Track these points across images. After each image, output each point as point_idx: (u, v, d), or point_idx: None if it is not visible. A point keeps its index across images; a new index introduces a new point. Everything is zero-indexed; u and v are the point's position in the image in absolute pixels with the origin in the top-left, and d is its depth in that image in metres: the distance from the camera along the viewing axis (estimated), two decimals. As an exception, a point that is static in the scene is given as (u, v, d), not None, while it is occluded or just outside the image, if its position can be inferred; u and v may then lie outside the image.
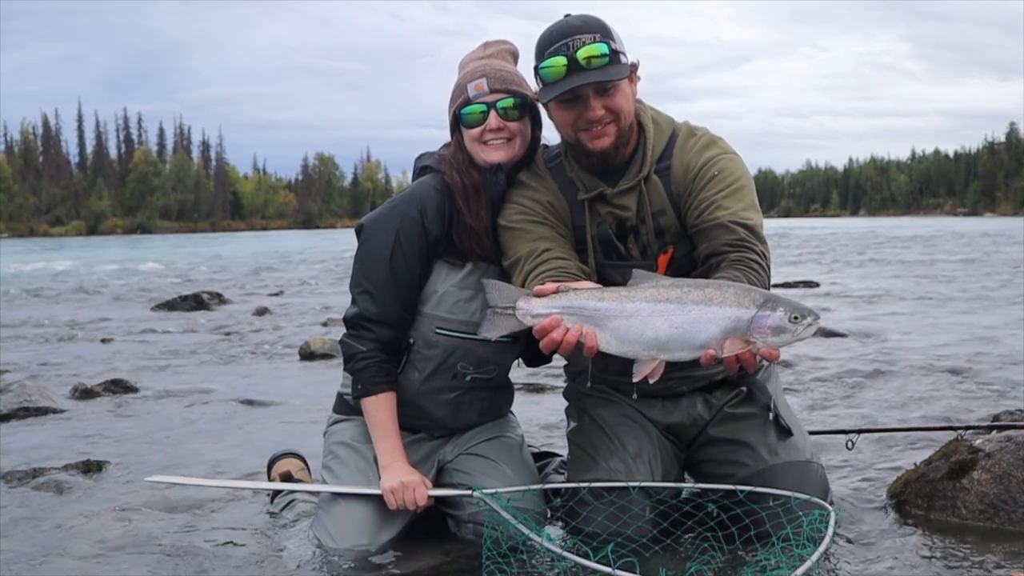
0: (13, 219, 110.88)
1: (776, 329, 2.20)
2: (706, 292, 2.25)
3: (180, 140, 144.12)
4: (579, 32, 2.70)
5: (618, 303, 2.30)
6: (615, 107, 2.74)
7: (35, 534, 3.23)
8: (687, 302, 2.25)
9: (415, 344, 3.02)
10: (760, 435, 2.92)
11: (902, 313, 9.89)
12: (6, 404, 5.44)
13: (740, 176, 2.80)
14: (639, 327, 2.26)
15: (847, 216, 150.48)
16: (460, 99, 2.97)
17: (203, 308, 12.56)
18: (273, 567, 2.86)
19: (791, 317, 2.21)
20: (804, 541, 2.50)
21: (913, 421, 4.54)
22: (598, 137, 2.76)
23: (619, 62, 2.72)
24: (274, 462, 3.68)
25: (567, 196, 2.93)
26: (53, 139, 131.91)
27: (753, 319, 2.20)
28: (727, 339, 2.22)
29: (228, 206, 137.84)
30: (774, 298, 2.26)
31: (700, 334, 2.23)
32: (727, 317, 2.21)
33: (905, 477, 3.29)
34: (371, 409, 2.98)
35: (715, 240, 2.70)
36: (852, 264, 20.28)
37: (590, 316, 2.31)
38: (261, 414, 5.41)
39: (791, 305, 2.26)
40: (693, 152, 2.85)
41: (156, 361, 7.68)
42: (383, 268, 2.97)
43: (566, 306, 2.34)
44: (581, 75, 2.68)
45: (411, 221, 2.96)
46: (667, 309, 2.25)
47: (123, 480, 3.96)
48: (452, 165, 3.01)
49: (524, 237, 2.89)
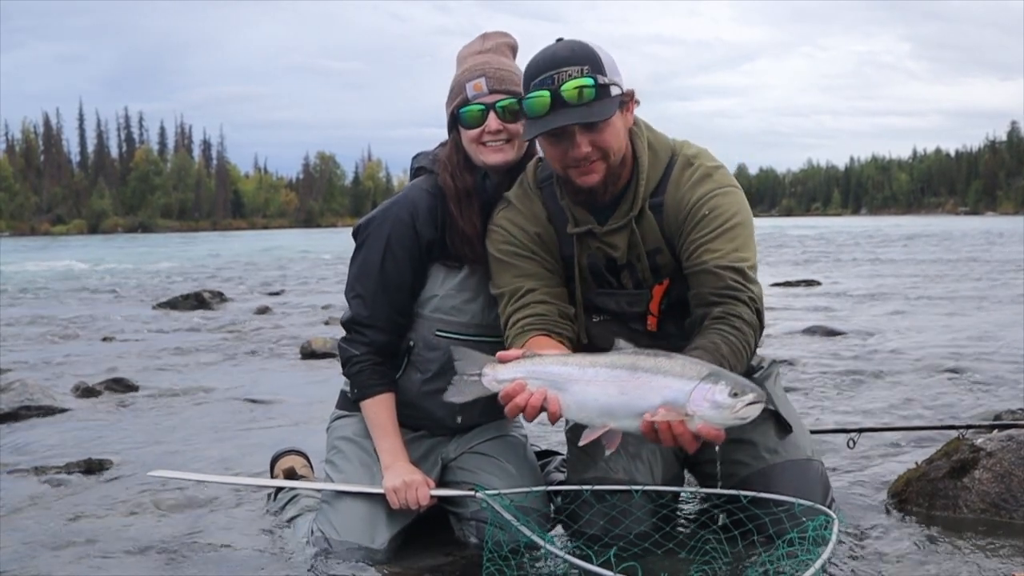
0: (14, 218, 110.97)
1: (715, 404, 2.12)
2: (657, 361, 2.21)
3: (181, 139, 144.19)
4: (566, 64, 2.55)
5: (579, 368, 2.28)
6: (603, 144, 2.62)
7: (37, 532, 3.23)
8: (638, 369, 2.21)
9: (415, 347, 3.02)
10: (760, 434, 2.90)
11: (903, 312, 9.89)
12: (8, 403, 5.44)
13: (734, 214, 2.69)
14: (595, 393, 2.24)
15: (848, 215, 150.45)
16: (458, 99, 2.92)
17: (204, 307, 12.57)
18: (276, 564, 2.86)
19: (731, 392, 2.13)
20: (809, 546, 2.51)
21: (914, 420, 4.54)
22: (586, 174, 2.65)
23: (607, 95, 2.57)
24: (277, 459, 3.69)
25: (556, 224, 2.84)
26: (54, 138, 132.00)
27: (693, 391, 2.14)
28: (666, 410, 2.15)
29: (229, 205, 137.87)
30: (719, 373, 2.19)
31: (642, 402, 2.18)
32: (669, 387, 2.16)
33: (906, 476, 3.29)
34: (369, 411, 3.00)
35: (702, 287, 2.64)
36: (853, 263, 20.28)
37: (553, 381, 2.30)
38: (263, 412, 5.41)
39: (734, 381, 2.18)
40: (687, 188, 2.73)
41: (157, 360, 7.68)
42: (375, 273, 2.98)
43: (530, 371, 2.33)
44: (565, 112, 2.55)
45: (402, 225, 2.95)
46: (620, 376, 2.22)
47: (125, 478, 3.96)
48: (446, 168, 2.97)
49: (509, 271, 2.84)
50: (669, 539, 2.87)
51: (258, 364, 7.45)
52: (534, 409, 2.32)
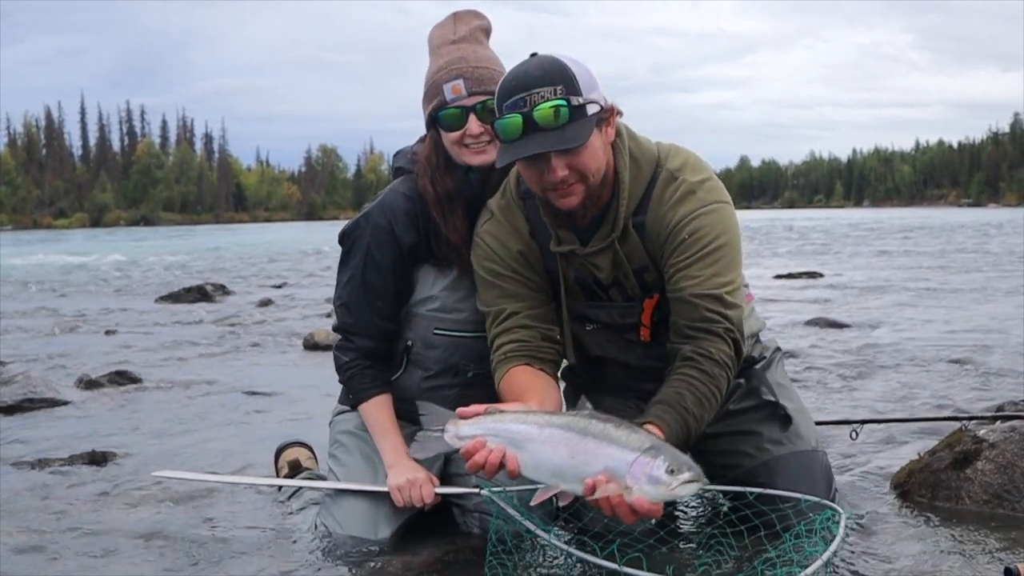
0: (16, 212, 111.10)
1: (651, 478, 2.10)
2: (605, 427, 2.19)
3: (183, 132, 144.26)
4: (538, 84, 2.43)
5: (537, 427, 2.27)
6: (580, 167, 2.50)
7: (42, 524, 3.24)
8: (587, 435, 2.19)
9: (414, 346, 3.02)
10: (764, 426, 2.90)
11: (906, 304, 9.88)
12: (11, 395, 5.45)
13: (716, 236, 2.58)
14: (548, 453, 2.23)
15: (851, 207, 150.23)
16: (436, 100, 2.83)
17: (207, 300, 12.58)
18: (280, 556, 2.86)
19: (668, 469, 2.10)
20: (817, 539, 2.51)
21: (917, 411, 4.53)
22: (565, 196, 2.54)
23: (583, 116, 2.45)
24: (281, 451, 3.70)
25: (539, 240, 2.76)
26: (56, 132, 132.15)
27: (633, 463, 2.12)
28: (606, 479, 2.14)
29: (231, 198, 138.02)
30: (659, 447, 2.15)
31: (587, 467, 2.17)
32: (611, 456, 2.14)
33: (909, 467, 3.30)
34: (367, 414, 3.01)
35: (679, 317, 2.58)
36: (856, 255, 20.26)
37: (511, 439, 2.28)
38: (266, 404, 5.42)
39: (672, 457, 2.13)
40: (668, 207, 2.62)
41: (160, 352, 7.69)
42: (357, 281, 2.98)
43: (489, 429, 2.32)
44: (538, 137, 2.43)
45: (381, 232, 2.92)
46: (571, 439, 2.21)
47: (129, 471, 3.96)
48: (426, 172, 2.90)
49: (492, 290, 2.79)
50: (674, 535, 2.88)
51: (261, 356, 7.46)
52: (493, 467, 2.28)
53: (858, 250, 22.30)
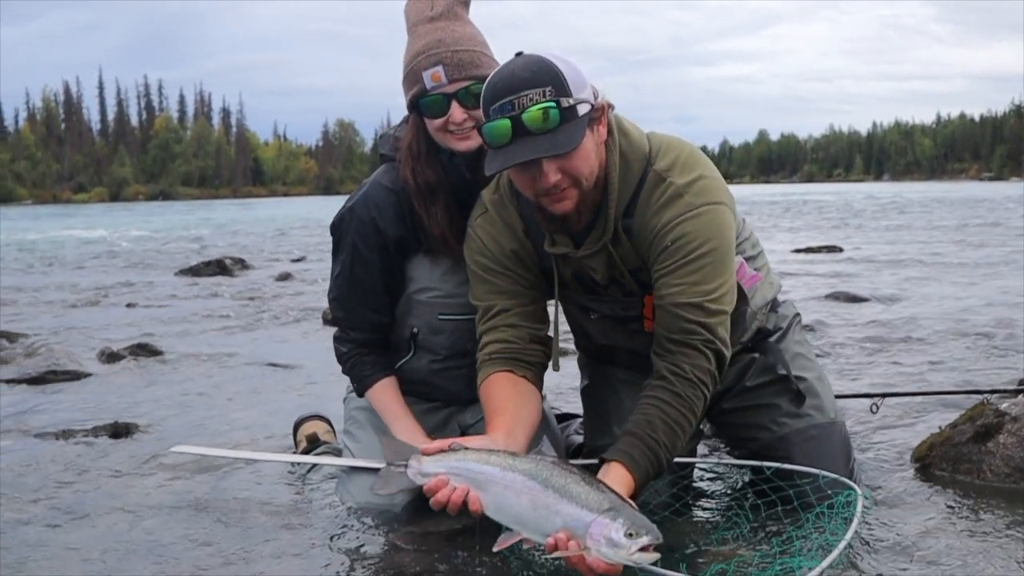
0: (37, 186, 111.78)
1: (609, 540, 2.06)
2: (566, 482, 2.16)
3: (200, 107, 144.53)
4: (526, 87, 2.33)
5: (500, 470, 2.24)
6: (573, 171, 2.41)
7: (66, 494, 3.28)
8: (549, 487, 2.16)
9: (420, 333, 3.01)
10: (781, 399, 2.89)
11: (926, 277, 9.82)
12: (35, 367, 5.51)
13: (702, 243, 2.47)
14: (511, 499, 2.21)
15: (871, 181, 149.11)
16: (416, 88, 2.73)
17: (226, 274, 12.63)
18: (300, 528, 2.89)
19: (627, 532, 2.06)
20: (836, 515, 2.51)
21: (938, 385, 4.51)
22: (558, 201, 2.45)
23: (574, 117, 2.35)
24: (300, 424, 3.72)
25: (533, 238, 2.69)
26: (75, 106, 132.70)
27: (591, 523, 2.09)
28: (567, 536, 2.11)
29: (249, 172, 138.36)
30: (618, 509, 2.11)
31: (547, 523, 2.15)
32: (570, 514, 2.12)
33: (930, 440, 3.28)
34: (374, 399, 3.02)
35: (659, 327, 2.52)
36: (876, 229, 20.12)
37: (474, 479, 2.27)
38: (285, 377, 5.45)
39: (632, 520, 2.08)
40: (653, 211, 2.53)
41: (181, 326, 7.74)
42: (346, 276, 2.97)
43: (452, 467, 2.30)
44: (528, 141, 2.34)
45: (366, 227, 2.88)
46: (533, 488, 2.18)
47: (151, 442, 4.00)
48: (407, 161, 2.83)
49: (484, 285, 2.74)
50: (691, 508, 2.88)
51: (280, 330, 7.49)
52: (455, 506, 2.26)
53: (878, 224, 22.15)
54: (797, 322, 3.08)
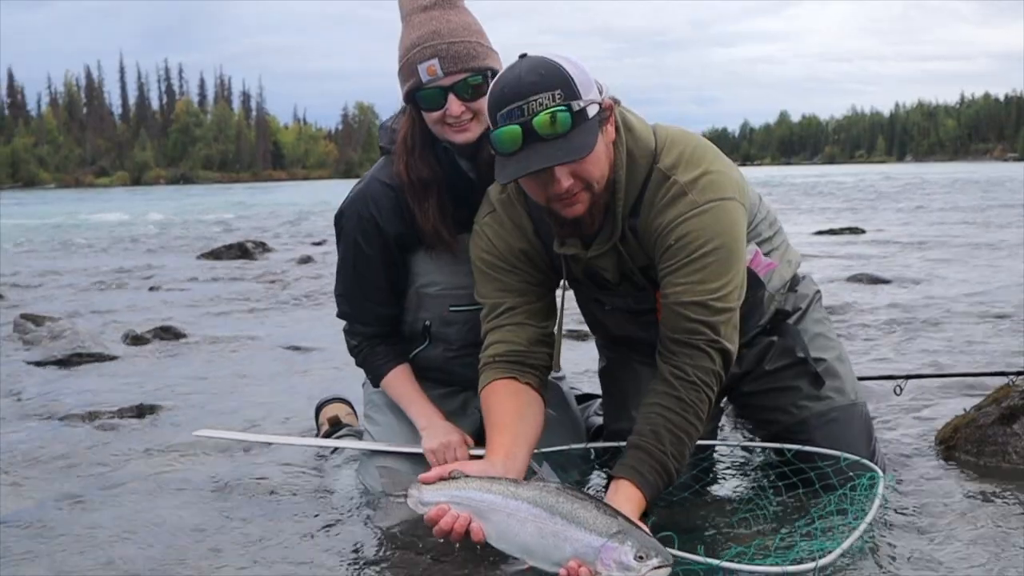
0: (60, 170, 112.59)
1: (620, 564, 2.04)
2: (574, 507, 2.14)
3: (221, 91, 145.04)
4: (535, 91, 2.26)
5: (503, 498, 2.21)
6: (585, 175, 2.36)
7: (92, 475, 3.32)
8: (555, 513, 2.13)
9: (432, 325, 3.01)
10: (801, 381, 2.87)
11: (949, 259, 9.74)
12: (60, 350, 5.56)
13: (706, 240, 2.42)
14: (515, 527, 2.18)
15: (893, 162, 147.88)
16: (411, 81, 2.67)
17: (247, 257, 12.69)
18: (322, 510, 2.91)
19: (637, 555, 2.04)
20: (859, 496, 2.51)
21: (962, 367, 4.49)
22: (570, 205, 2.40)
23: (585, 120, 2.30)
24: (322, 407, 3.74)
25: (543, 238, 2.64)
26: (96, 91, 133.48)
27: (601, 548, 2.07)
28: (578, 565, 2.09)
29: (269, 156, 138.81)
30: (628, 531, 2.09)
31: (556, 551, 2.12)
32: (579, 540, 2.09)
33: (954, 423, 3.26)
34: (390, 388, 3.02)
35: (664, 327, 2.47)
36: (898, 210, 19.97)
37: (476, 508, 2.24)
38: (307, 360, 5.48)
39: (642, 542, 2.06)
40: (656, 210, 2.48)
41: (203, 308, 7.79)
42: (349, 272, 2.97)
43: (453, 496, 2.27)
44: (539, 147, 2.28)
45: (366, 223, 2.87)
46: (539, 515, 2.15)
47: (175, 423, 4.04)
48: (401, 155, 2.79)
49: (490, 283, 2.69)
50: (711, 489, 2.88)
51: (301, 313, 7.52)
52: (459, 535, 2.23)
53: (900, 205, 21.98)
54: (817, 299, 3.05)
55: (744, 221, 2.55)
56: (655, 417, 2.39)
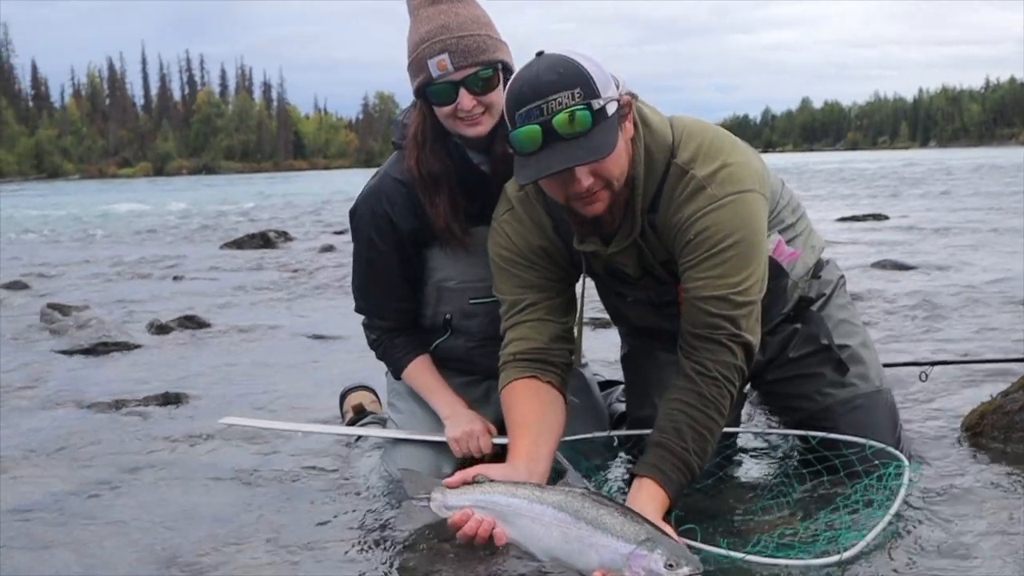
0: (83, 161, 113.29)
1: (649, 571, 2.01)
2: (599, 512, 2.11)
3: (242, 81, 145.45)
4: (554, 90, 2.23)
5: (527, 503, 2.20)
6: (605, 174, 2.34)
7: (118, 462, 3.35)
8: (581, 519, 2.11)
9: (453, 318, 3.01)
10: (825, 368, 2.85)
11: (975, 245, 9.65)
12: (87, 339, 5.62)
13: (726, 235, 2.40)
14: (541, 532, 2.16)
15: (916, 148, 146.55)
16: (422, 76, 2.66)
17: (270, 246, 12.75)
18: (346, 496, 2.93)
19: (666, 563, 2.01)
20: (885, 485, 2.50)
21: (988, 353, 4.45)
22: (590, 204, 2.38)
23: (604, 119, 2.28)
24: (346, 395, 3.76)
25: (562, 235, 2.62)
26: (118, 82, 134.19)
27: (630, 556, 2.04)
28: (604, 570, 2.07)
29: (291, 146, 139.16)
30: (657, 538, 2.06)
31: (583, 557, 2.10)
32: (606, 547, 2.07)
33: (981, 409, 3.24)
34: (411, 379, 3.03)
35: (685, 322, 2.46)
36: (922, 196, 19.81)
37: (500, 512, 2.22)
38: (330, 348, 5.50)
39: (671, 549, 2.03)
40: (675, 206, 2.46)
41: (227, 298, 7.84)
42: (365, 267, 2.97)
43: (477, 501, 2.25)
44: (560, 147, 2.25)
45: (380, 219, 2.87)
46: (564, 520, 2.13)
47: (200, 411, 4.07)
48: (412, 151, 2.79)
49: (510, 280, 2.67)
50: (735, 476, 2.87)
51: (324, 301, 7.55)
52: (482, 540, 2.22)
53: (924, 191, 21.80)
54: (842, 285, 3.02)
55: (765, 212, 2.53)
56: (677, 414, 2.38)
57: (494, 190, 2.75)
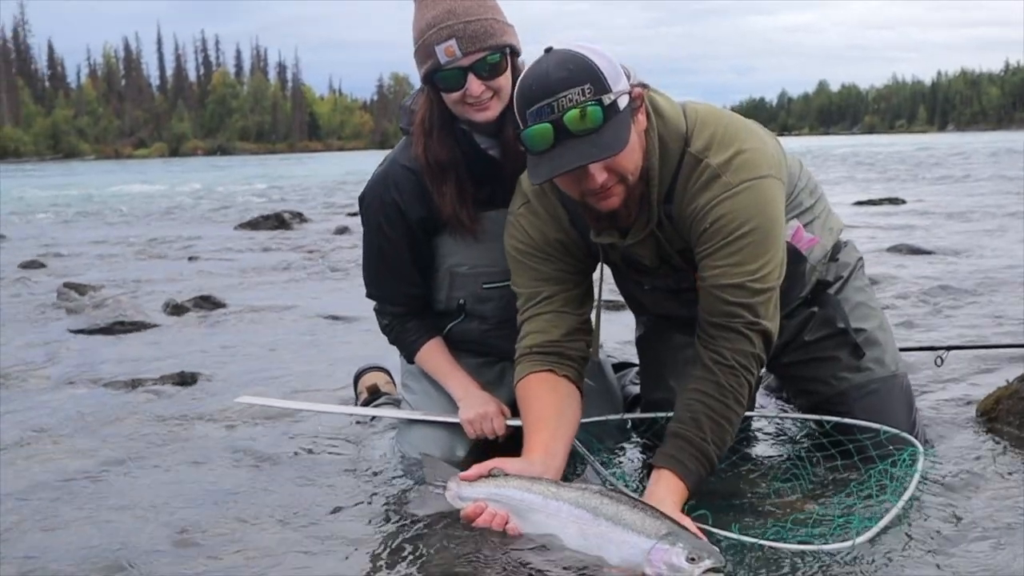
0: (99, 141, 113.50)
1: (671, 566, 2.01)
2: (619, 508, 2.11)
3: (256, 62, 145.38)
4: (565, 87, 2.22)
5: (543, 499, 2.21)
6: (619, 169, 2.32)
7: (134, 441, 3.37)
8: (600, 515, 2.11)
9: (467, 303, 3.01)
10: (841, 351, 2.85)
11: (992, 230, 9.59)
12: (103, 318, 5.65)
13: (742, 222, 2.38)
14: (557, 528, 2.17)
15: (934, 132, 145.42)
16: (429, 62, 2.64)
17: (285, 227, 12.78)
18: (360, 476, 2.95)
19: (688, 557, 2.00)
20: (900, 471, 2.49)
21: (1004, 338, 4.43)
22: (605, 199, 2.37)
23: (616, 114, 2.26)
24: (360, 375, 3.77)
25: (579, 227, 2.61)
26: (134, 62, 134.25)
27: (651, 550, 2.03)
28: (625, 566, 2.07)
29: (305, 127, 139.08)
30: (676, 533, 2.03)
31: (602, 552, 2.10)
32: (626, 542, 2.07)
33: (997, 394, 3.22)
34: (424, 362, 3.04)
35: (702, 311, 2.44)
36: (939, 180, 19.68)
37: (515, 507, 2.23)
38: (345, 329, 5.51)
39: (693, 544, 2.02)
40: (690, 195, 2.44)
41: (242, 278, 7.87)
42: (375, 254, 2.98)
43: (492, 494, 2.27)
44: (572, 144, 2.24)
45: (389, 207, 2.87)
46: (582, 517, 2.14)
47: (216, 391, 4.09)
48: (419, 138, 2.78)
49: (526, 273, 2.66)
50: (748, 459, 2.87)
51: (339, 282, 7.56)
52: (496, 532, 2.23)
53: (941, 175, 21.65)
54: (860, 266, 3.01)
55: (782, 197, 2.52)
56: (695, 404, 2.38)
57: (504, 175, 2.75)
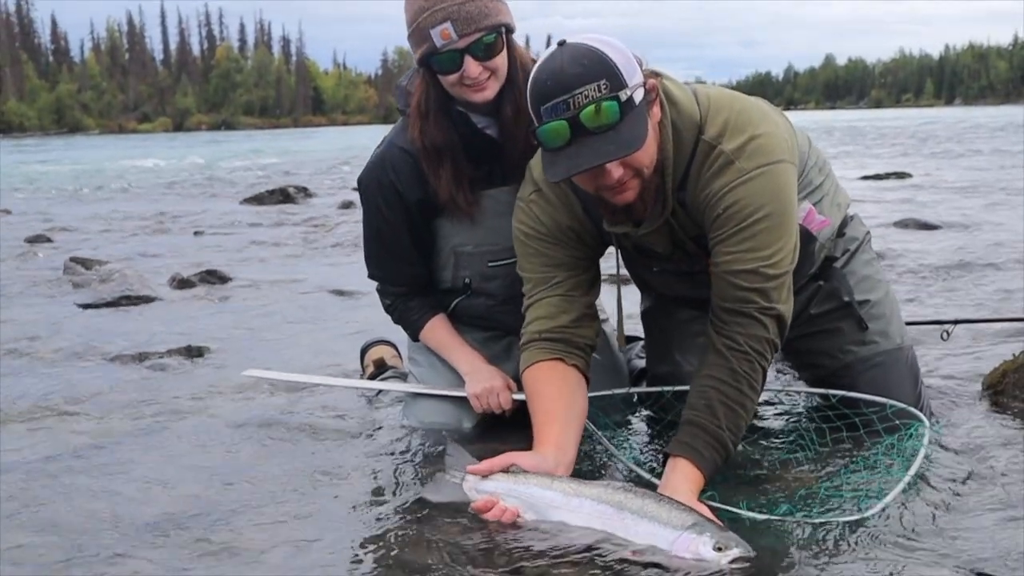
0: (103, 116, 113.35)
1: (696, 555, 2.00)
2: (644, 502, 2.10)
3: (260, 36, 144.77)
4: (580, 83, 2.18)
5: (564, 496, 2.19)
6: (635, 164, 2.30)
7: (142, 414, 3.38)
8: (624, 509, 2.10)
9: (472, 281, 3.01)
10: (846, 323, 2.85)
11: (999, 204, 9.56)
12: (110, 292, 5.66)
13: (756, 208, 2.36)
14: (580, 524, 2.16)
15: (941, 106, 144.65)
16: (425, 46, 2.61)
17: (290, 202, 12.78)
18: (367, 448, 2.96)
19: (715, 547, 1.99)
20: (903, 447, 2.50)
21: (1011, 312, 4.43)
22: (620, 193, 2.34)
23: (632, 108, 2.23)
24: (367, 349, 3.77)
25: (592, 217, 2.58)
26: (137, 36, 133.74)
27: (676, 540, 2.03)
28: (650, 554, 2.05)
29: (309, 101, 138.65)
30: (703, 524, 2.03)
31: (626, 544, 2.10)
32: (652, 534, 2.06)
33: (1003, 368, 3.22)
34: (428, 339, 3.05)
35: (715, 296, 2.42)
36: (946, 155, 19.58)
37: (534, 504, 2.23)
38: (351, 303, 5.52)
39: (720, 534, 2.01)
40: (704, 181, 2.42)
41: (247, 253, 7.87)
42: (374, 236, 2.98)
43: (510, 490, 2.26)
44: (589, 142, 2.21)
45: (386, 190, 2.87)
46: (605, 512, 2.13)
47: (223, 364, 4.11)
48: (415, 121, 2.77)
49: (536, 259, 2.63)
50: (754, 432, 2.88)
51: (344, 257, 7.56)
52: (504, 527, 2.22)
53: (948, 149, 21.54)
54: (867, 240, 3.00)
55: (795, 182, 2.50)
56: (709, 391, 2.36)
57: (502, 153, 2.75)
